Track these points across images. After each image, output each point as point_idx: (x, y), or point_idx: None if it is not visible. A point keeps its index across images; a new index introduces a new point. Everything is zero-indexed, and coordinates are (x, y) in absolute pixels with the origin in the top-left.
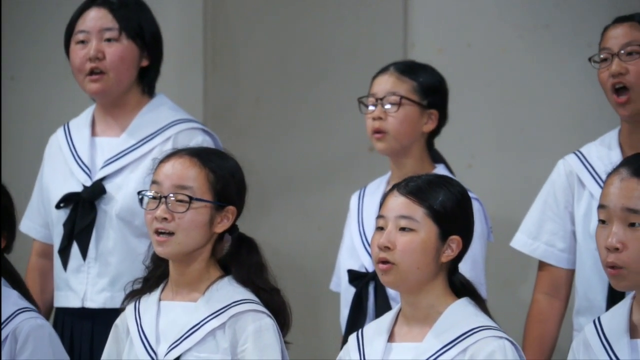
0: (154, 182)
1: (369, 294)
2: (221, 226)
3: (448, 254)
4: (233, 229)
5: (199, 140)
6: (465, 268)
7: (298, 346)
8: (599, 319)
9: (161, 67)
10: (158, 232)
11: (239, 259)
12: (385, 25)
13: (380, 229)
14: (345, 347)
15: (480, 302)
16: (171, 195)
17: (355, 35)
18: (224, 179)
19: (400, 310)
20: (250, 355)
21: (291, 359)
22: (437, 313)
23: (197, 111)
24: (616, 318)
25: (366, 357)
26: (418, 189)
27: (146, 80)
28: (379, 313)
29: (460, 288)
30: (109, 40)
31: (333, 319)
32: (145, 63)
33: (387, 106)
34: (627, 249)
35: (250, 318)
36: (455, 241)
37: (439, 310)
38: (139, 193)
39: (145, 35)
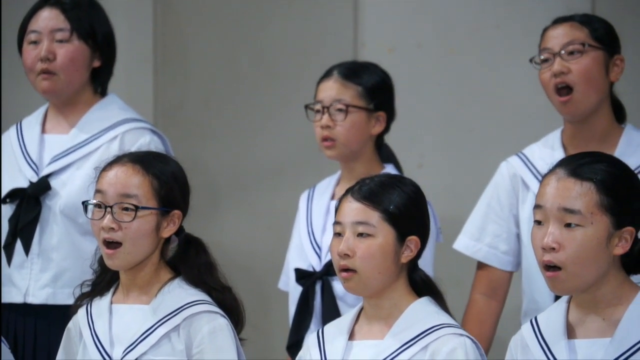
0: (97, 191)
1: (316, 292)
2: (168, 231)
3: (407, 255)
4: (179, 230)
5: (146, 139)
6: None
7: (249, 345)
8: (536, 318)
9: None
10: (106, 243)
11: (187, 259)
12: (335, 25)
13: (338, 235)
14: (305, 346)
15: (441, 301)
16: (116, 204)
17: (305, 35)
18: (168, 184)
19: (361, 309)
20: (206, 357)
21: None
22: (399, 312)
23: (146, 111)
24: (553, 318)
25: (327, 356)
26: (372, 193)
27: (98, 81)
28: (325, 312)
29: (422, 285)
30: (60, 41)
31: (283, 317)
32: (97, 64)
33: (334, 114)
34: (564, 249)
35: (205, 319)
36: (413, 241)
37: (401, 309)
38: (83, 203)
39: (97, 36)
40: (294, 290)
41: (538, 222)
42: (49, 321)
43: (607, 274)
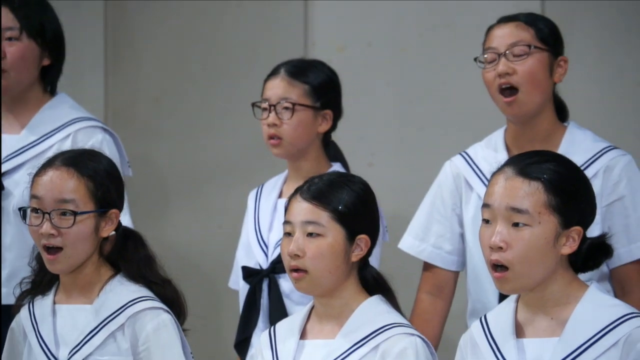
0: (33, 196)
1: (263, 290)
2: (107, 230)
3: (358, 253)
4: (117, 226)
5: (98, 138)
6: None
7: (200, 344)
8: (485, 317)
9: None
10: (46, 248)
11: (126, 255)
12: (285, 24)
13: (288, 234)
14: (257, 344)
15: (392, 299)
16: (54, 210)
17: (256, 34)
18: (103, 184)
19: (312, 307)
20: (151, 355)
21: (194, 358)
22: (350, 311)
23: (98, 110)
24: (502, 317)
25: (278, 355)
26: (321, 192)
27: (48, 79)
28: (272, 309)
29: (373, 283)
30: (9, 39)
31: (235, 315)
32: (46, 62)
33: (281, 112)
34: (511, 248)
35: (149, 316)
36: (363, 240)
37: (352, 307)
38: (20, 209)
39: (46, 34)
40: (244, 288)
41: (486, 221)
42: (3, 321)
43: (555, 273)
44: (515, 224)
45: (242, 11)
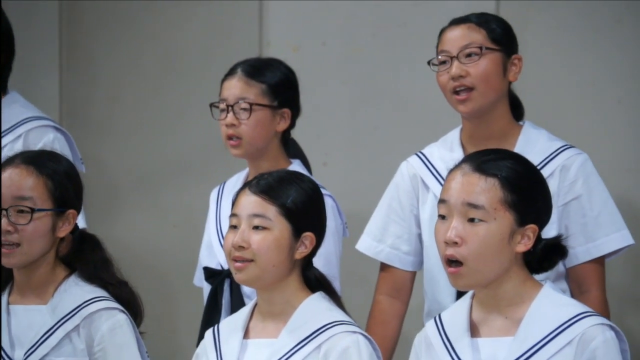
0: None
1: (224, 291)
2: (63, 230)
3: (302, 251)
4: (74, 227)
5: (50, 137)
6: (318, 264)
7: (155, 344)
8: (439, 316)
9: (14, 65)
10: (2, 244)
11: (82, 256)
12: (240, 23)
13: (233, 227)
14: (202, 343)
15: (334, 297)
16: (12, 207)
17: (210, 34)
18: (62, 184)
19: (255, 305)
20: (107, 355)
21: (150, 358)
22: (292, 308)
23: (52, 109)
24: (456, 317)
25: (222, 354)
26: (269, 187)
27: None
28: (234, 310)
29: (315, 283)
30: None
31: (190, 314)
32: None
33: (239, 113)
34: (466, 243)
35: (104, 317)
36: (308, 238)
37: (294, 305)
38: None
39: None
40: (207, 288)
41: (442, 217)
42: None
43: (509, 272)
44: (471, 220)
45: (197, 11)
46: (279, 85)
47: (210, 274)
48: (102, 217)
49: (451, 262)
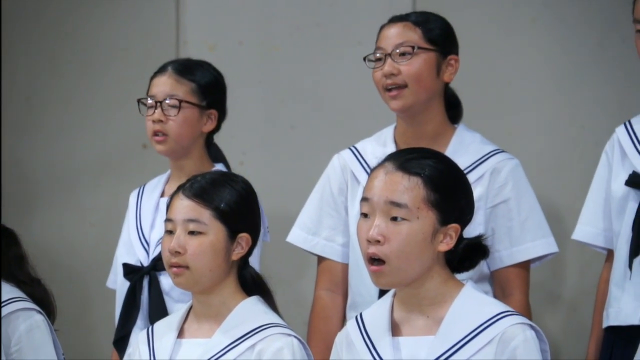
0: None
1: (143, 287)
2: None
3: (238, 252)
4: None
5: None
6: None
7: (72, 344)
8: (361, 315)
9: None
10: None
11: None
12: (157, 22)
13: (169, 232)
14: (135, 343)
15: (270, 301)
16: None
17: (127, 33)
18: None
19: (191, 306)
20: (23, 355)
21: (66, 358)
22: (228, 310)
23: None
24: (378, 315)
25: (155, 354)
26: (203, 190)
27: None
28: (152, 307)
29: (252, 283)
30: None
31: (106, 314)
32: None
33: (167, 109)
34: (389, 242)
35: (21, 318)
36: (244, 238)
37: (230, 307)
38: None
39: None
40: (122, 287)
41: (365, 215)
42: None
43: (431, 271)
44: (394, 218)
45: (114, 9)
46: (209, 86)
47: (129, 270)
48: (19, 216)
49: (373, 261)
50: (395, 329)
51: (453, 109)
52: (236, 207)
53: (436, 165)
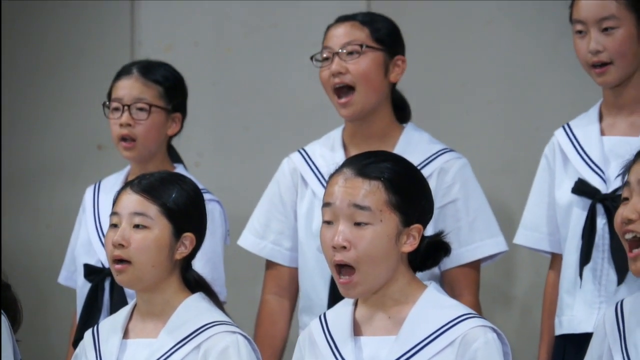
0: None
1: (105, 289)
2: None
3: (182, 251)
4: None
5: None
6: (205, 271)
7: (28, 345)
8: (324, 315)
9: None
10: None
11: None
12: (112, 23)
13: (114, 226)
14: (81, 343)
15: (213, 297)
16: None
17: (82, 33)
18: None
19: (135, 305)
20: None
21: (21, 358)
22: (172, 309)
23: None
24: (341, 316)
25: (102, 354)
26: (151, 186)
27: None
28: (114, 308)
29: (195, 285)
30: None
31: (62, 315)
32: None
33: (136, 113)
34: (355, 247)
35: None
36: (188, 238)
37: (174, 305)
38: None
39: None
40: (83, 287)
41: (327, 222)
42: None
43: (396, 273)
44: (357, 224)
45: (69, 10)
46: (174, 89)
47: (91, 271)
48: None
49: (341, 268)
50: (357, 329)
51: (400, 111)
52: (183, 206)
53: (394, 167)
